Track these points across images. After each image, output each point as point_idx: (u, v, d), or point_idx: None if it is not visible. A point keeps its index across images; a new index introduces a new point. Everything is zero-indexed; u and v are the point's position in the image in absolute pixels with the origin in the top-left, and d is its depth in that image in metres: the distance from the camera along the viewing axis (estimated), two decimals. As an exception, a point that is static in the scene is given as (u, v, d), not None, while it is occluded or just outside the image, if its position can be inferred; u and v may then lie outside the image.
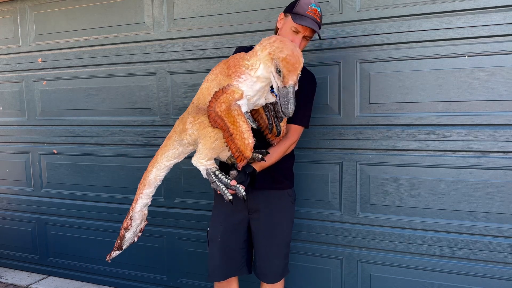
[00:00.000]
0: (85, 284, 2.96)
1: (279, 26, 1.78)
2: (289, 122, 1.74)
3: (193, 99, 1.62)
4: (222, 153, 1.58)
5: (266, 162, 1.64)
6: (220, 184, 1.55)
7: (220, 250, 1.82)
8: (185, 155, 1.68)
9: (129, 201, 2.67)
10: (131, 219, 1.74)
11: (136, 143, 2.69)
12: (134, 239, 1.82)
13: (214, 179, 1.56)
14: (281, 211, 1.84)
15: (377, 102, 2.09)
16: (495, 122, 1.91)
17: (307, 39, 1.74)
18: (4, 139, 3.14)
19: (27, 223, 3.14)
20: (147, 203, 1.75)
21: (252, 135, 1.43)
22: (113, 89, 2.73)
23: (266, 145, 1.69)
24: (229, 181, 1.54)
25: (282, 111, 1.38)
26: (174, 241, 2.66)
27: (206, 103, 1.51)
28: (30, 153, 3.07)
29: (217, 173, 1.57)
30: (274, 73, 1.39)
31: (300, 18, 1.66)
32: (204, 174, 1.59)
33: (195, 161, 1.58)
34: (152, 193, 1.74)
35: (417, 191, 2.06)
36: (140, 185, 1.73)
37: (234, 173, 1.57)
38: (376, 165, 2.13)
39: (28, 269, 3.19)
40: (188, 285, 2.66)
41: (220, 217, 1.84)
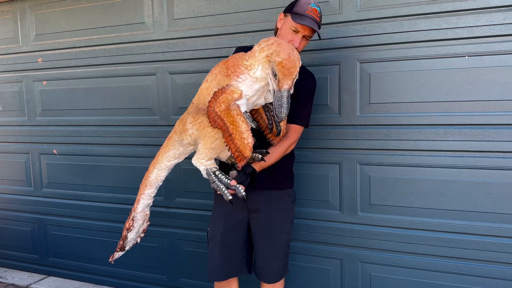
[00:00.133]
0: (85, 284, 2.96)
1: (278, 26, 1.78)
2: (289, 122, 1.74)
3: (193, 99, 1.63)
4: (222, 153, 1.58)
5: (266, 162, 1.64)
6: (220, 184, 1.55)
7: (220, 250, 1.82)
8: (186, 155, 1.69)
9: (129, 201, 2.69)
10: (133, 220, 1.74)
11: (136, 143, 2.69)
12: (137, 240, 1.82)
13: (214, 179, 1.56)
14: (281, 211, 1.84)
15: (377, 102, 2.09)
16: (495, 122, 1.91)
17: (307, 39, 1.74)
18: (4, 139, 3.14)
19: (27, 223, 3.14)
20: (148, 203, 1.75)
21: (252, 135, 1.44)
22: (113, 89, 2.73)
23: (266, 145, 1.69)
24: (229, 181, 1.55)
25: (275, 114, 1.39)
26: (174, 241, 2.66)
27: (205, 103, 1.51)
28: (30, 153, 3.07)
29: (217, 173, 1.57)
30: (271, 75, 1.40)
31: (299, 18, 1.66)
32: (204, 174, 1.59)
33: (195, 161, 1.59)
34: (154, 194, 1.74)
35: (417, 191, 2.06)
36: (141, 185, 1.73)
37: (234, 173, 1.57)
38: (376, 165, 2.13)
39: (28, 269, 3.19)
40: (188, 285, 2.66)
41: (220, 217, 1.84)
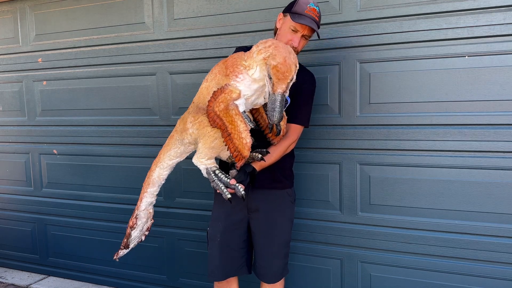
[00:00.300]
0: (85, 284, 2.96)
1: (278, 26, 1.78)
2: (289, 122, 1.74)
3: (193, 98, 1.63)
4: (222, 152, 1.59)
5: (266, 161, 1.64)
6: (219, 183, 1.55)
7: (220, 250, 1.82)
8: (187, 154, 1.70)
9: (129, 201, 2.69)
10: (136, 218, 1.77)
11: (136, 143, 2.69)
12: (141, 238, 1.86)
13: (214, 178, 1.56)
14: (280, 211, 1.84)
15: (377, 102, 2.09)
16: (495, 122, 1.91)
17: (306, 38, 1.74)
18: (4, 139, 3.14)
19: (27, 223, 3.14)
20: (151, 201, 1.79)
21: (250, 134, 1.44)
22: (113, 89, 2.73)
23: (266, 144, 1.69)
24: (228, 180, 1.55)
25: (268, 117, 1.39)
26: (174, 241, 2.66)
27: (205, 102, 1.51)
28: (30, 153, 3.07)
29: (217, 172, 1.57)
30: (267, 77, 1.41)
31: (298, 17, 1.66)
32: (204, 173, 1.60)
33: (195, 160, 1.59)
34: (156, 192, 1.78)
35: (417, 191, 2.06)
36: (144, 184, 1.76)
37: (233, 172, 1.57)
38: (376, 165, 2.13)
39: (28, 269, 3.19)
40: (188, 285, 2.66)
41: (220, 217, 1.84)
